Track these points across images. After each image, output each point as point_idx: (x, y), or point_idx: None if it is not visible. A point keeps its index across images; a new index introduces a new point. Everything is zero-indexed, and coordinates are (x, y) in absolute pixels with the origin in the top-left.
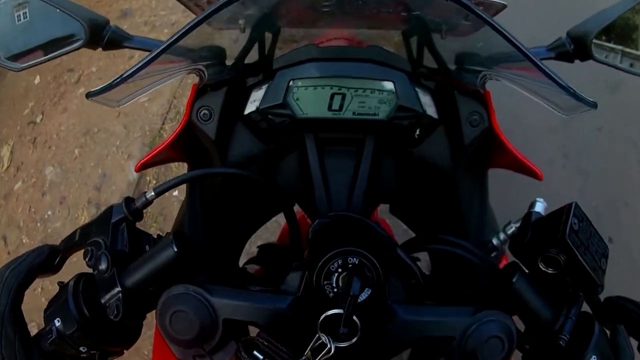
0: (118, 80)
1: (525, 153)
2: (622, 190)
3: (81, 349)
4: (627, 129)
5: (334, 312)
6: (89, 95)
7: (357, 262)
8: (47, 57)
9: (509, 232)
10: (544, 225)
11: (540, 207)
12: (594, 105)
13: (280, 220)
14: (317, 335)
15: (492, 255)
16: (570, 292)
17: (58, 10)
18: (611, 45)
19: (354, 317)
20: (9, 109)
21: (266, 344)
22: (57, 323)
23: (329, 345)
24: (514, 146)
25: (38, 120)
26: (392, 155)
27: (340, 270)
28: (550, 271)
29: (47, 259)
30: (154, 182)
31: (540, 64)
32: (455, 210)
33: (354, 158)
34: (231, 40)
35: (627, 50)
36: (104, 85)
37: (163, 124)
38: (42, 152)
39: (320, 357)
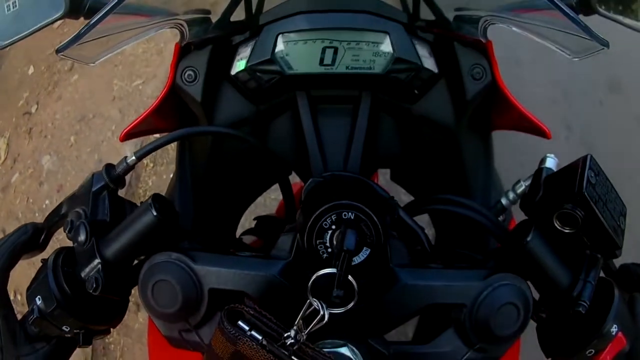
0: (85, 28)
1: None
2: (624, 163)
3: (64, 328)
4: (629, 102)
5: (326, 271)
6: (58, 50)
7: (352, 217)
8: (29, 30)
9: (519, 191)
10: (557, 181)
11: (551, 162)
12: (606, 44)
13: (280, 197)
14: (307, 301)
15: (500, 218)
16: (588, 254)
17: None
18: (611, 15)
19: (350, 278)
20: (3, 101)
21: (252, 312)
22: (39, 301)
23: (321, 312)
24: (519, 102)
25: (33, 110)
26: (391, 112)
27: (334, 227)
28: (566, 230)
29: (31, 238)
30: (152, 165)
31: (560, 5)
32: (459, 172)
33: (349, 116)
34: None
35: (627, 21)
36: (72, 36)
37: None
38: (38, 142)
39: (313, 326)
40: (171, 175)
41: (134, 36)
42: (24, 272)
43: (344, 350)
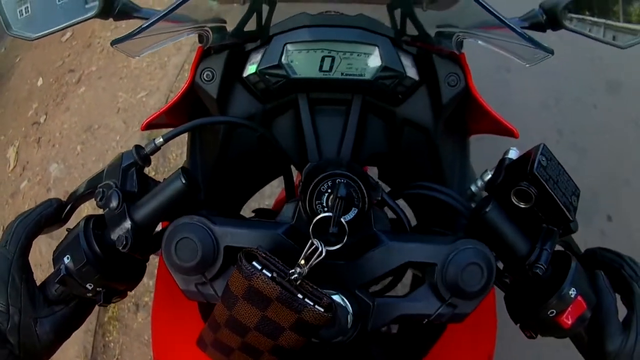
0: (138, 30)
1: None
2: (621, 167)
3: (88, 285)
4: (625, 105)
5: (324, 215)
6: (113, 42)
7: (344, 182)
8: (60, 26)
9: (486, 178)
10: (515, 166)
11: (513, 154)
12: (550, 51)
13: (274, 196)
14: (309, 241)
15: (472, 204)
16: (545, 227)
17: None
18: (593, 19)
19: (342, 219)
20: (13, 112)
21: (264, 256)
22: (67, 260)
23: (320, 248)
24: (489, 105)
25: (42, 120)
26: (378, 114)
27: (329, 191)
28: (522, 205)
29: (55, 211)
30: (153, 173)
31: (508, 22)
32: (438, 168)
33: (343, 115)
34: (232, 11)
35: (609, 22)
36: (126, 34)
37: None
38: (46, 150)
39: (313, 261)
40: None
41: (170, 38)
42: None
43: (336, 298)
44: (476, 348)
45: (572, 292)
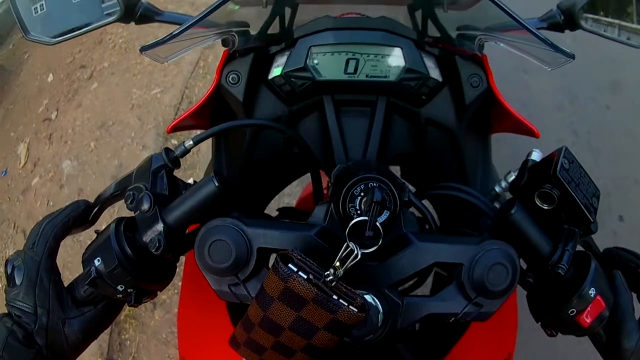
0: (168, 37)
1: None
2: (631, 167)
3: (119, 287)
4: (636, 105)
5: (360, 219)
6: (142, 49)
7: (377, 185)
8: (80, 31)
9: (510, 180)
10: (538, 168)
11: (536, 155)
12: (572, 55)
13: (295, 192)
14: (345, 244)
15: (496, 205)
16: (567, 228)
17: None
18: (608, 19)
19: (377, 223)
20: (23, 108)
21: (300, 258)
22: (97, 262)
23: (356, 251)
24: (510, 105)
25: (53, 116)
26: (402, 114)
27: (362, 194)
28: (545, 207)
29: (83, 213)
30: None
31: (529, 26)
32: (461, 168)
33: (368, 117)
34: (255, 14)
35: (624, 23)
36: (154, 41)
37: (176, 114)
38: (58, 147)
39: (349, 263)
40: None
41: (196, 43)
42: None
43: (367, 297)
44: (497, 346)
45: (592, 291)
